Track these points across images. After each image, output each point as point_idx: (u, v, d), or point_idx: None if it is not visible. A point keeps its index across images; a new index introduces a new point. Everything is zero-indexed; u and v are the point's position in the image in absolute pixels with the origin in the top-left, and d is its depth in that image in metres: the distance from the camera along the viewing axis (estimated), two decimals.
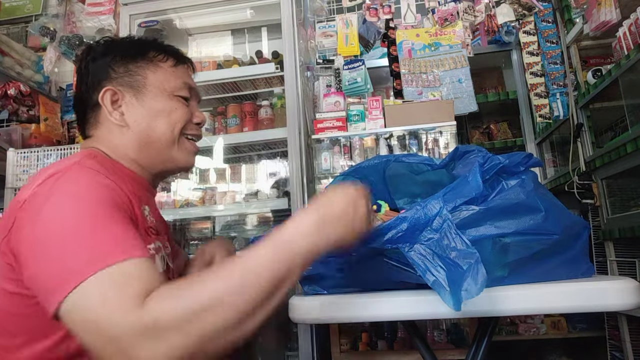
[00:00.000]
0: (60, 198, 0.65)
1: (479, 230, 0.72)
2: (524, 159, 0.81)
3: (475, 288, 0.65)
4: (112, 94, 0.83)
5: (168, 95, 0.86)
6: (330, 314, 0.81)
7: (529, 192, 0.75)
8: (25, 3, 2.60)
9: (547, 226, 0.75)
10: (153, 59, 0.88)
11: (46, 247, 0.61)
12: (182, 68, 0.92)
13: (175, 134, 0.86)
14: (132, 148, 0.84)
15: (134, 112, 0.84)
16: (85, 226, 0.62)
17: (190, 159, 0.91)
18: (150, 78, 0.86)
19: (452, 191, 0.75)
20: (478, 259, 0.67)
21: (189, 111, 0.90)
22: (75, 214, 0.63)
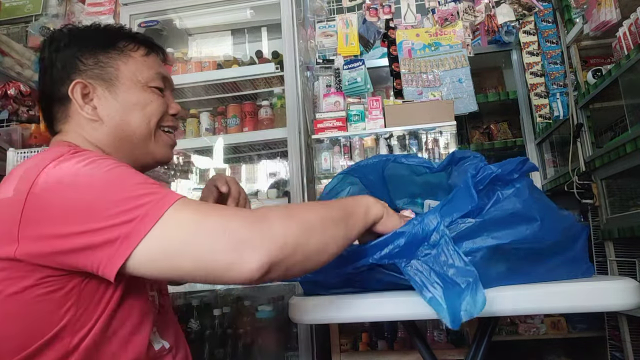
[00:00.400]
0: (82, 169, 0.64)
1: (475, 242, 0.72)
2: (518, 166, 0.80)
3: (475, 309, 0.66)
4: (83, 87, 0.79)
5: (142, 87, 0.82)
6: (330, 314, 0.80)
7: (524, 201, 0.75)
8: (25, 3, 2.60)
9: (543, 234, 0.75)
10: (124, 49, 0.83)
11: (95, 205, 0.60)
12: (153, 57, 0.87)
13: (152, 127, 0.83)
14: (106, 143, 0.80)
15: (107, 106, 0.80)
16: (126, 180, 0.63)
17: (167, 152, 0.88)
18: (122, 69, 0.81)
19: (448, 205, 0.75)
20: (476, 278, 0.67)
21: (164, 102, 0.86)
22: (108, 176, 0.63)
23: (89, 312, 0.65)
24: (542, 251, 0.78)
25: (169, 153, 0.88)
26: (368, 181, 1.10)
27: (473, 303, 0.66)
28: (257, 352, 1.90)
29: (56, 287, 0.63)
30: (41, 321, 0.63)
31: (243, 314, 1.98)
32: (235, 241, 0.58)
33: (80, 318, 0.64)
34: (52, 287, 0.63)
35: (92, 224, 0.59)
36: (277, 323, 1.93)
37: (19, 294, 0.62)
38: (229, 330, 1.91)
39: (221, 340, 1.89)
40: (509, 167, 0.80)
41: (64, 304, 0.63)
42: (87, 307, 0.65)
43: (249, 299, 2.02)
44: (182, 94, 2.22)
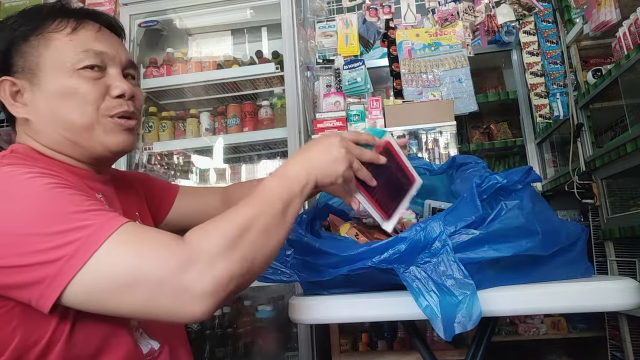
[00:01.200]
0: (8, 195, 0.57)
1: (477, 253, 0.72)
2: (523, 176, 0.80)
3: (469, 322, 0.66)
4: (11, 85, 0.71)
5: (68, 72, 0.71)
6: (330, 314, 0.80)
7: (527, 214, 0.74)
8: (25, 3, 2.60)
9: (544, 246, 0.75)
10: (44, 32, 0.72)
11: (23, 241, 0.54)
12: (83, 32, 0.74)
13: (88, 117, 0.72)
14: (48, 139, 0.73)
15: (35, 101, 0.71)
16: (58, 208, 0.56)
17: (122, 139, 0.76)
18: (44, 56, 0.71)
19: (452, 213, 0.75)
20: (474, 291, 0.68)
21: (99, 84, 0.73)
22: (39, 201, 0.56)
23: (41, 328, 0.60)
24: (542, 257, 0.78)
25: (124, 140, 0.76)
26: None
27: (468, 316, 0.66)
28: (257, 352, 1.90)
29: None
30: None
31: (243, 314, 1.98)
32: (175, 291, 0.54)
33: (32, 335, 0.59)
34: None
35: (17, 258, 0.54)
36: (277, 323, 1.93)
37: None
38: (229, 330, 1.91)
39: (221, 340, 1.89)
40: (514, 178, 0.79)
41: (8, 323, 0.59)
42: (37, 324, 0.59)
43: (249, 299, 2.02)
44: (182, 94, 2.22)
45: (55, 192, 0.58)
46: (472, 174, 0.88)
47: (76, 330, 0.61)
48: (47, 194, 0.58)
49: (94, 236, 0.55)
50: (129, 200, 0.87)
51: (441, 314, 0.68)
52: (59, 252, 0.54)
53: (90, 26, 0.75)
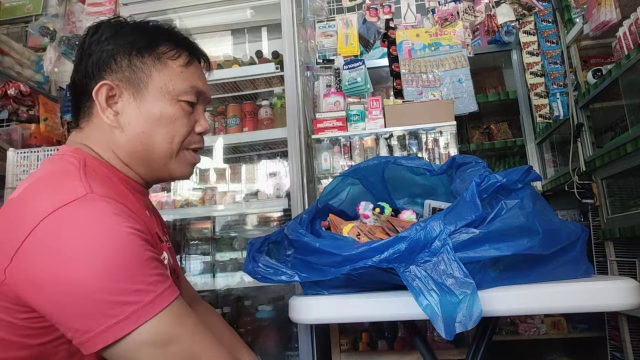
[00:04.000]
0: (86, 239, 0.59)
1: (477, 252, 0.72)
2: (523, 175, 0.80)
3: (470, 322, 0.66)
4: (109, 89, 0.74)
5: (170, 100, 0.76)
6: (330, 314, 0.81)
7: (527, 213, 0.74)
8: (25, 3, 2.60)
9: (544, 245, 0.75)
10: (162, 56, 0.76)
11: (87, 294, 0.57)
12: (193, 67, 0.81)
13: (174, 147, 0.77)
14: (124, 152, 0.76)
15: (130, 114, 0.74)
16: (124, 269, 0.59)
17: (187, 170, 0.82)
18: (154, 77, 0.75)
19: (452, 212, 0.75)
20: (475, 290, 0.68)
21: (192, 120, 0.80)
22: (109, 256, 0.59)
23: None
24: (542, 257, 0.78)
25: (189, 172, 0.83)
26: (368, 182, 1.10)
27: (469, 315, 0.66)
28: (258, 352, 1.90)
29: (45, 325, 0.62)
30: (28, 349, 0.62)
31: (243, 314, 1.98)
32: None
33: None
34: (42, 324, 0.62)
35: (73, 307, 0.57)
36: (277, 323, 1.93)
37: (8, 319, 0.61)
38: None
39: None
40: (514, 177, 0.79)
41: (55, 349, 0.63)
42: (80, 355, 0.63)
43: (249, 299, 2.02)
44: None
45: (124, 251, 0.60)
46: (472, 174, 0.87)
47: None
48: (123, 245, 0.60)
49: (151, 304, 0.59)
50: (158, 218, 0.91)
51: (441, 313, 0.68)
52: (119, 309, 0.57)
53: (197, 63, 0.82)
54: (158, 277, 0.61)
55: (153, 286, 0.59)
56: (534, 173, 0.83)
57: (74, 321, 0.58)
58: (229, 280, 2.12)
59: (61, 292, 0.57)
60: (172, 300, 0.60)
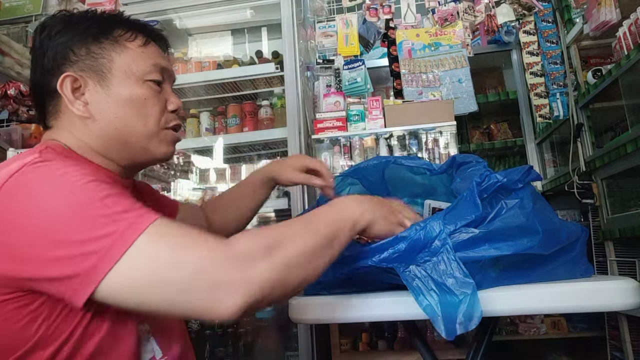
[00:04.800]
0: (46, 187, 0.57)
1: (477, 251, 0.72)
2: (523, 175, 0.80)
3: (471, 323, 0.66)
4: (73, 81, 0.72)
5: (137, 81, 0.75)
6: (330, 314, 0.80)
7: (527, 213, 0.74)
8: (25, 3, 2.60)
9: (544, 245, 0.75)
10: (119, 39, 0.75)
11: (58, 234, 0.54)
12: (152, 47, 0.79)
13: (150, 128, 0.76)
14: (99, 141, 0.74)
15: (99, 102, 0.73)
16: (94, 203, 0.57)
17: (169, 149, 0.80)
18: (116, 61, 0.74)
19: (452, 212, 0.75)
20: (475, 290, 0.67)
21: (162, 98, 0.79)
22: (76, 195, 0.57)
23: (62, 326, 0.60)
24: (542, 257, 0.78)
25: (170, 150, 0.81)
26: (368, 182, 1.10)
27: (469, 316, 0.66)
28: (258, 352, 1.90)
29: (25, 301, 0.59)
30: (14, 336, 0.59)
31: (243, 314, 1.98)
32: (210, 285, 0.54)
33: (54, 332, 0.60)
34: (21, 302, 0.59)
35: (54, 251, 0.54)
36: (277, 323, 1.93)
37: None
38: (229, 330, 1.91)
39: (221, 340, 1.89)
40: (514, 177, 0.79)
41: (35, 319, 0.59)
42: (59, 320, 0.60)
43: None
44: (182, 94, 2.22)
45: (91, 186, 0.58)
46: (472, 173, 0.87)
47: (91, 325, 0.62)
48: (83, 188, 0.58)
49: (130, 229, 0.55)
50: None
51: (442, 313, 0.68)
52: (95, 245, 0.54)
53: (155, 44, 0.81)
54: (122, 214, 0.57)
55: (115, 224, 0.55)
56: (534, 173, 0.83)
57: (62, 271, 0.55)
58: None
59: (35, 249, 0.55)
60: (145, 226, 0.56)
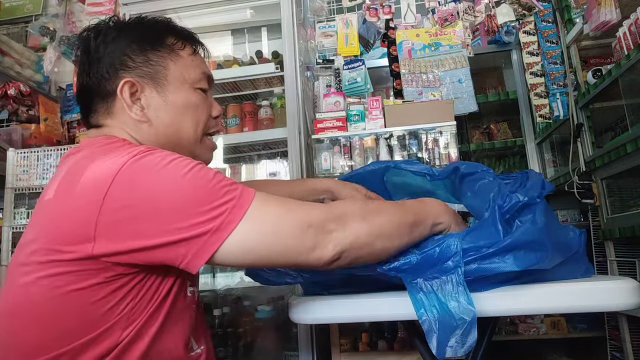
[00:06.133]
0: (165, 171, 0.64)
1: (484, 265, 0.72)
2: (540, 191, 0.80)
3: (462, 349, 0.67)
4: (131, 86, 0.75)
5: (189, 88, 0.80)
6: (330, 314, 0.80)
7: (539, 229, 0.74)
8: (25, 3, 2.60)
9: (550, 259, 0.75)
10: (173, 47, 0.80)
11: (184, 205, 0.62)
12: (199, 55, 0.85)
13: (199, 133, 0.81)
14: (151, 142, 0.77)
15: (156, 107, 0.77)
16: (209, 182, 0.64)
17: (210, 156, 0.86)
18: (171, 68, 0.78)
19: (472, 233, 0.75)
20: (474, 319, 0.68)
21: (209, 105, 0.84)
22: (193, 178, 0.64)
23: (142, 308, 0.66)
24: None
25: (211, 157, 0.87)
26: (368, 185, 1.09)
27: (461, 343, 0.67)
28: (257, 352, 1.90)
29: (120, 284, 0.64)
30: (100, 317, 0.64)
31: (243, 314, 1.98)
32: (317, 230, 0.66)
33: (134, 313, 0.66)
34: (117, 284, 0.64)
35: (179, 223, 0.61)
36: (277, 323, 1.93)
37: (83, 290, 0.63)
38: (229, 330, 1.91)
39: (221, 340, 1.89)
40: (534, 194, 0.79)
41: (123, 301, 0.65)
42: (141, 303, 0.66)
43: (249, 299, 2.02)
44: None
45: (199, 167, 0.66)
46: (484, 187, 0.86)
47: (162, 311, 0.69)
48: (195, 169, 0.65)
49: (244, 196, 0.65)
50: None
51: (437, 331, 0.68)
52: (219, 210, 0.63)
53: (201, 51, 0.86)
54: (232, 186, 0.66)
55: (231, 193, 0.65)
56: (549, 186, 0.83)
57: (181, 243, 0.62)
58: (229, 280, 2.12)
59: (161, 222, 0.62)
60: (253, 194, 0.66)
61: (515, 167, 3.10)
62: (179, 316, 0.71)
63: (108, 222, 0.61)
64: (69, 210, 0.63)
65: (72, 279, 0.63)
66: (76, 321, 0.63)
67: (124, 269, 0.64)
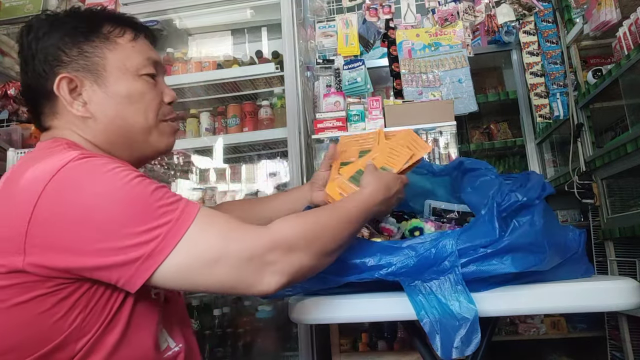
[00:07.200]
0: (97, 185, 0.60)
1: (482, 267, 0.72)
2: (540, 193, 0.80)
3: (468, 349, 0.67)
4: (69, 82, 0.72)
5: (133, 76, 0.75)
6: (330, 314, 0.80)
7: (537, 231, 0.74)
8: (25, 3, 2.60)
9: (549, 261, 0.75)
10: (109, 35, 0.75)
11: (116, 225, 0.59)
12: (142, 40, 0.79)
13: (150, 121, 0.77)
14: (102, 140, 0.74)
15: (98, 101, 0.73)
16: (146, 196, 0.62)
17: (170, 141, 0.81)
18: (109, 58, 0.74)
19: (468, 232, 0.75)
20: (476, 317, 0.68)
21: (158, 91, 0.79)
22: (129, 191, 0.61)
23: (95, 317, 0.63)
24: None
25: (171, 141, 0.82)
26: None
27: (467, 343, 0.67)
28: (257, 352, 1.90)
29: (66, 294, 0.61)
30: (49, 329, 0.60)
31: (243, 314, 1.98)
32: (257, 265, 0.63)
33: (88, 324, 0.62)
34: (62, 294, 0.61)
35: (111, 242, 0.58)
36: (277, 323, 1.93)
37: (27, 302, 0.60)
38: (229, 330, 1.91)
39: (221, 340, 1.89)
40: (533, 195, 0.79)
41: (72, 311, 0.61)
42: (94, 312, 0.63)
43: (249, 299, 2.02)
44: (182, 94, 2.22)
45: (138, 180, 0.63)
46: (485, 184, 0.86)
47: (120, 317, 0.65)
48: (133, 182, 0.62)
49: (182, 219, 0.62)
50: None
51: (440, 332, 0.68)
52: (153, 233, 0.59)
53: (144, 37, 0.81)
54: (171, 205, 0.63)
55: (168, 214, 0.61)
56: (549, 187, 0.83)
57: (122, 256, 0.59)
58: None
59: (92, 240, 0.59)
60: (194, 216, 0.63)
61: (515, 167, 3.10)
62: (143, 322, 0.68)
63: (37, 234, 0.58)
64: (2, 219, 0.61)
65: (13, 293, 0.59)
66: (25, 335, 0.60)
67: (63, 280, 0.60)
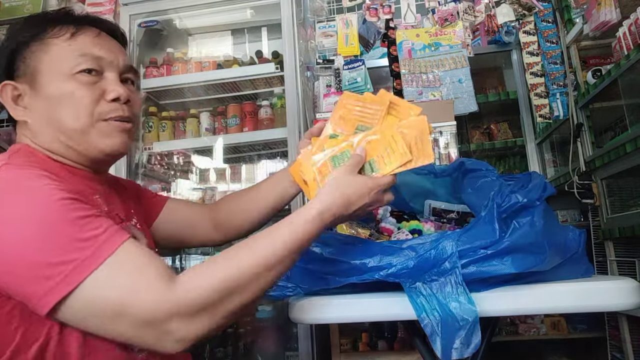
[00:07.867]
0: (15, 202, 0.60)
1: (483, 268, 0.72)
2: (541, 194, 0.80)
3: (467, 350, 0.67)
4: (13, 89, 0.74)
5: (65, 76, 0.73)
6: (330, 314, 0.80)
7: (537, 232, 0.74)
8: (24, 3, 2.60)
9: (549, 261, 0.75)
10: (46, 38, 0.74)
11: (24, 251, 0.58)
12: (83, 37, 0.76)
13: (82, 121, 0.73)
14: (47, 143, 0.75)
15: (34, 104, 0.74)
16: (61, 223, 0.59)
17: (115, 142, 0.76)
18: (44, 61, 0.73)
19: (468, 233, 0.75)
20: (476, 319, 0.68)
21: (97, 89, 0.75)
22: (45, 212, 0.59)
23: (39, 325, 0.62)
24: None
25: (118, 143, 0.77)
26: None
27: (467, 344, 0.67)
28: (257, 352, 1.90)
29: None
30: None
31: (243, 314, 1.98)
32: (157, 333, 0.59)
33: (33, 334, 0.62)
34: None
35: (18, 268, 0.58)
36: (277, 323, 1.93)
37: None
38: (229, 330, 1.91)
39: (221, 340, 1.89)
40: (534, 196, 0.79)
41: (10, 321, 0.61)
42: (34, 322, 0.62)
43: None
44: (182, 94, 2.22)
45: (58, 205, 0.60)
46: (486, 185, 0.86)
47: (67, 330, 0.63)
48: (52, 206, 0.60)
49: (89, 259, 0.58)
50: (125, 200, 0.89)
51: (441, 334, 0.68)
52: (55, 269, 0.57)
53: (89, 32, 0.77)
54: (85, 242, 0.59)
55: (77, 252, 0.58)
56: (550, 188, 0.83)
57: (24, 286, 0.58)
58: None
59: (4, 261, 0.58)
60: (105, 257, 0.59)
61: (515, 167, 3.10)
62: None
63: None
64: None
65: None
66: None
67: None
